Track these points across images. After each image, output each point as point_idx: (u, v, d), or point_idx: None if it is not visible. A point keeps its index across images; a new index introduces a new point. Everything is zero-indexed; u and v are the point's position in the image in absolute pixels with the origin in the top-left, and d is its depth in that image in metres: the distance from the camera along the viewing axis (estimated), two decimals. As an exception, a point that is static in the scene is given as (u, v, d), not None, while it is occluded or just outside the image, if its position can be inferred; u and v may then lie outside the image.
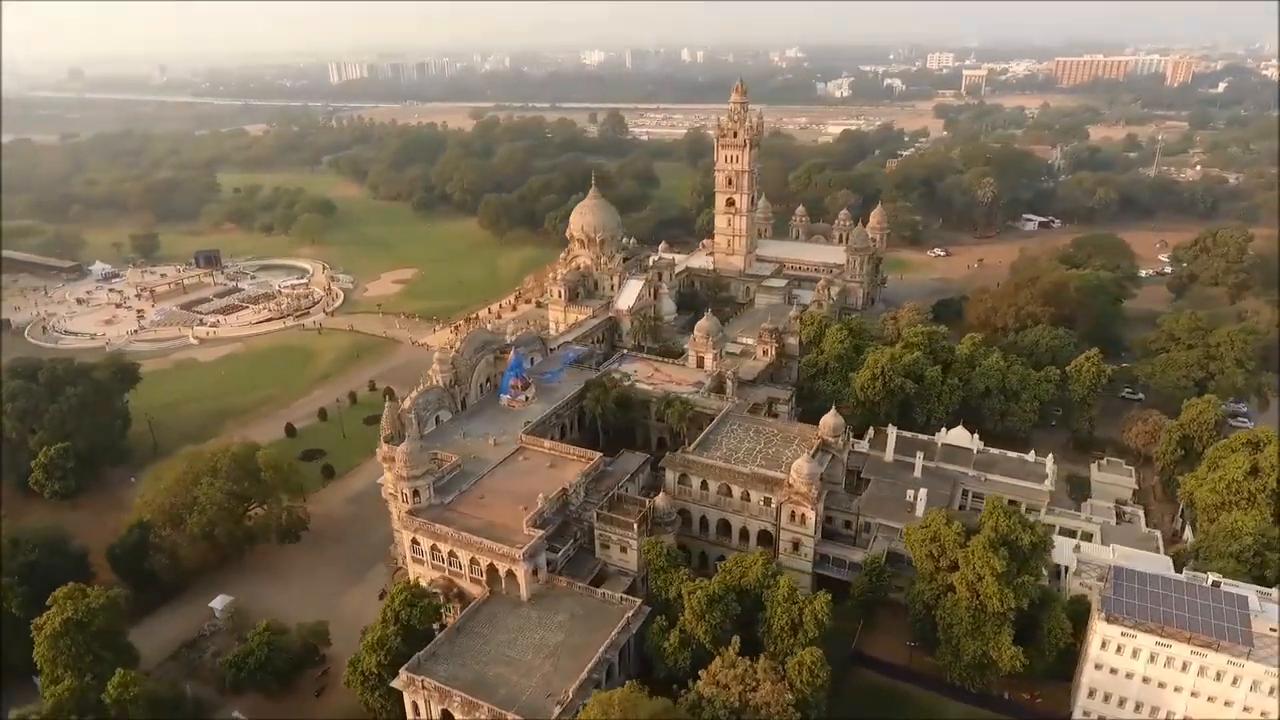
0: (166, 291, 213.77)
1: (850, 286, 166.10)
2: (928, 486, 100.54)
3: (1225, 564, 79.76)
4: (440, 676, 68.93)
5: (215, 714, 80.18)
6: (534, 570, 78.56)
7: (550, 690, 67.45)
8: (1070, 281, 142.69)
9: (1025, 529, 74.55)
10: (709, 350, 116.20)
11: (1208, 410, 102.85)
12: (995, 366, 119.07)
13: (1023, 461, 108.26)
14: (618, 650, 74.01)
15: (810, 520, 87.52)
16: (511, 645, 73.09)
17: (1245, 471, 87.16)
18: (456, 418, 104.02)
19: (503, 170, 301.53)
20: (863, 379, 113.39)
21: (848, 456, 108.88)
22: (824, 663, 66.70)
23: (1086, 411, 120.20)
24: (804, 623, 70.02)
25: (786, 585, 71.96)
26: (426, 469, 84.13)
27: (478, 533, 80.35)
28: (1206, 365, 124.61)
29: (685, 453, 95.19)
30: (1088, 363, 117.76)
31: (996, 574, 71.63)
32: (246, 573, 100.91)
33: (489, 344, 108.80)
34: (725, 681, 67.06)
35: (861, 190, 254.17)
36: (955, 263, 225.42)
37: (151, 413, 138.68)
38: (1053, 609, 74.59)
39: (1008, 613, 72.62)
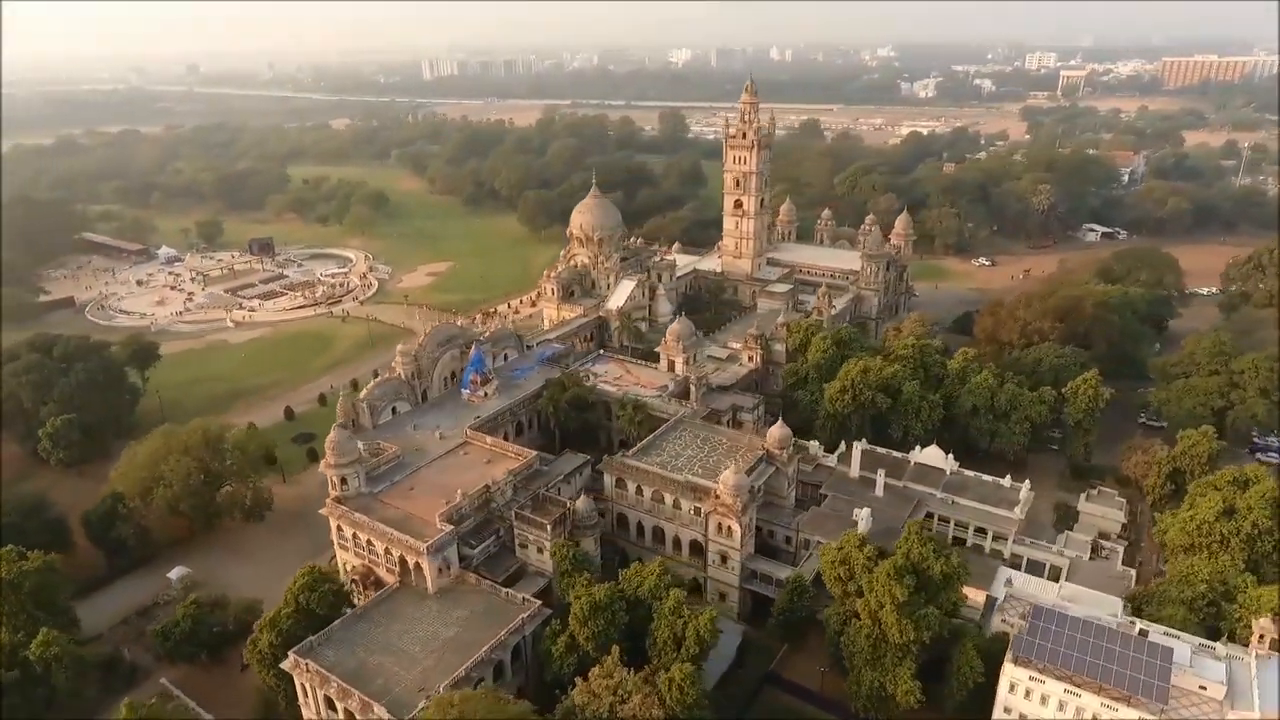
0: (218, 276, 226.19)
1: (865, 294, 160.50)
2: (891, 507, 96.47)
3: (1175, 612, 73.28)
4: (326, 661, 70.50)
5: (148, 680, 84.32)
6: (442, 564, 79.32)
7: (424, 685, 67.97)
8: (1088, 297, 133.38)
9: (938, 558, 70.37)
10: (679, 354, 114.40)
11: (1201, 443, 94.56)
12: (983, 384, 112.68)
13: (997, 486, 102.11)
14: (508, 650, 74.03)
15: (736, 533, 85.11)
16: (403, 636, 74.04)
17: (1218, 512, 79.73)
18: (416, 410, 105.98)
19: (553, 167, 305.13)
20: (832, 391, 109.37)
21: (815, 470, 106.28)
22: (696, 680, 64.81)
23: (1083, 437, 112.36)
24: (686, 638, 68.14)
25: (675, 599, 70.16)
26: (354, 458, 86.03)
27: (396, 524, 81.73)
28: (1228, 394, 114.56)
29: (625, 457, 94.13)
30: (1085, 385, 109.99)
31: (897, 603, 67.91)
32: (211, 548, 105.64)
33: (454, 339, 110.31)
34: (598, 691, 66.07)
35: (909, 195, 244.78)
36: (999, 273, 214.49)
37: (171, 390, 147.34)
38: (963, 645, 70.10)
39: (909, 645, 68.74)
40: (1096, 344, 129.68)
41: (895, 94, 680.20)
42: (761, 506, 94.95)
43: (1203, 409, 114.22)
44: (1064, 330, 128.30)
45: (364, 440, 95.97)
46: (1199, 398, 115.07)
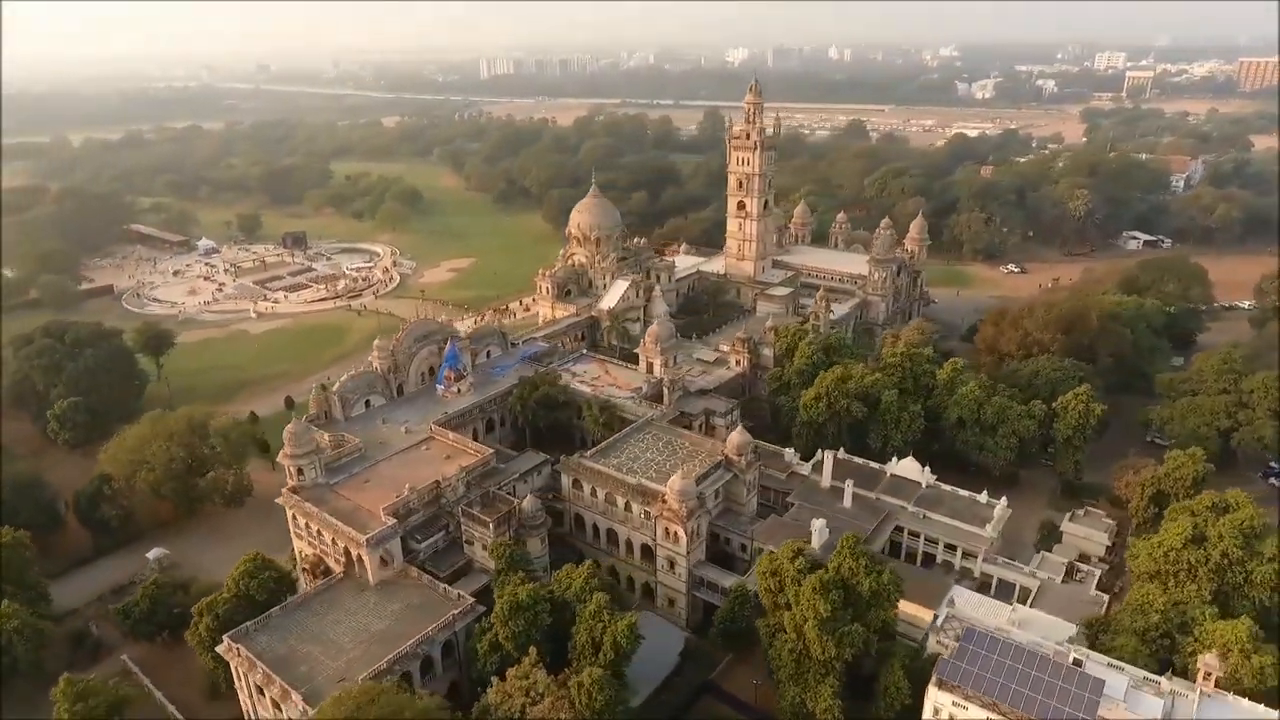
0: (249, 268, 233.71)
1: (872, 300, 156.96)
2: (857, 519, 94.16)
3: (1127, 642, 69.69)
4: (257, 647, 72.16)
5: (111, 656, 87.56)
6: (384, 557, 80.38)
7: (345, 675, 68.92)
8: (1095, 308, 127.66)
9: (868, 574, 68.25)
10: (657, 356, 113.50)
11: (1187, 465, 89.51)
12: (969, 395, 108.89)
13: (973, 502, 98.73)
14: (437, 646, 74.60)
15: (682, 539, 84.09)
16: (336, 627, 75.25)
17: (1186, 539, 75.37)
18: (390, 403, 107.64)
19: (585, 166, 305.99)
20: (807, 398, 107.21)
21: (788, 477, 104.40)
22: (606, 685, 64.06)
23: (1073, 454, 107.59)
24: (603, 643, 67.57)
25: (597, 603, 69.56)
26: (310, 449, 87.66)
27: (344, 515, 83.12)
28: (1235, 414, 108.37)
29: (583, 457, 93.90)
30: (1075, 400, 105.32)
31: (820, 619, 66.12)
32: (193, 531, 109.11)
33: (432, 334, 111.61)
34: (512, 691, 66.09)
35: (939, 199, 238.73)
36: (1028, 281, 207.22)
37: (185, 377, 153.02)
38: (891, 665, 67.84)
39: (831, 662, 66.85)
40: (1102, 358, 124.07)
41: (951, 95, 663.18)
42: (720, 513, 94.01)
43: (1208, 429, 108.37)
44: (1066, 342, 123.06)
45: (332, 432, 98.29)
46: (1204, 417, 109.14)
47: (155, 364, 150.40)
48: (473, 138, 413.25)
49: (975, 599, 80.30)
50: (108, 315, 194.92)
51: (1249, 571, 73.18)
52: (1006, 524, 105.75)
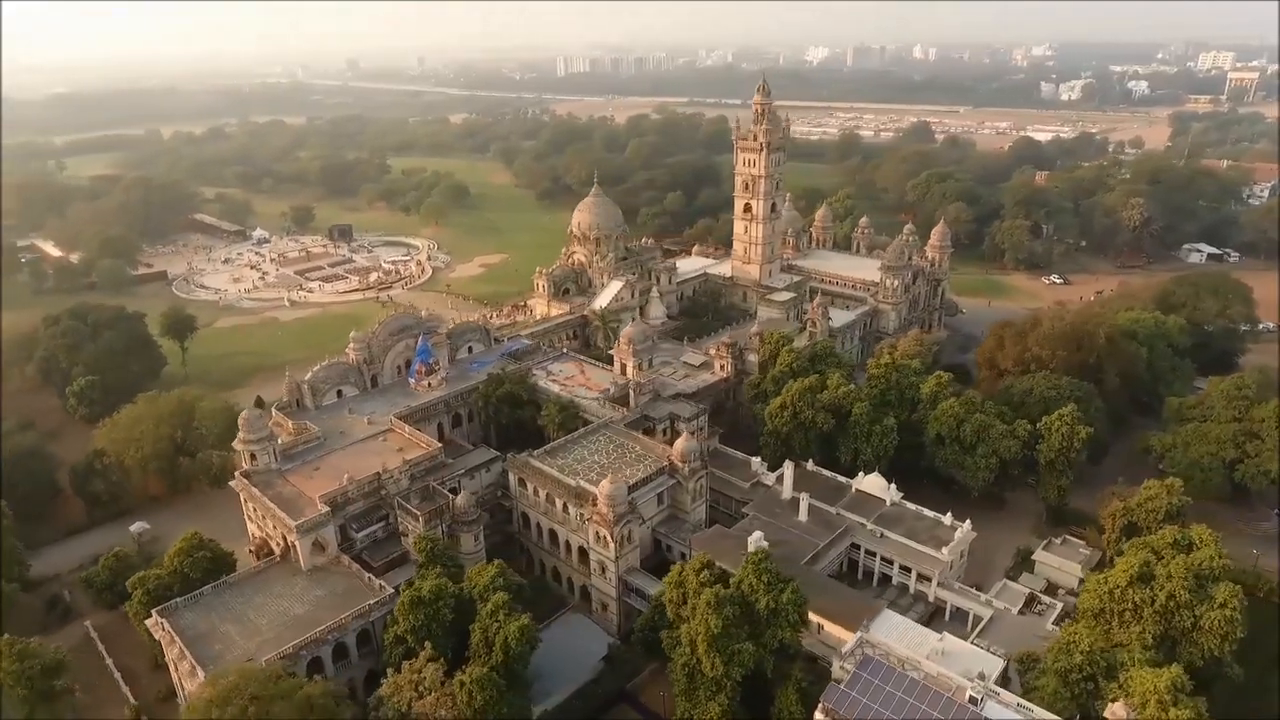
0: (295, 258, 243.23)
1: (882, 308, 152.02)
2: (810, 534, 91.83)
3: (1049, 683, 65.45)
4: (181, 623, 75.18)
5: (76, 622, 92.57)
6: (317, 544, 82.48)
7: (253, 656, 71.06)
8: (1104, 324, 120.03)
9: (768, 591, 66.16)
10: (630, 358, 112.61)
11: (1160, 497, 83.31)
12: (948, 412, 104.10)
13: (936, 523, 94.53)
14: (352, 634, 76.12)
15: (610, 544, 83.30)
16: (260, 609, 77.63)
17: (1132, 576, 70.14)
18: (362, 395, 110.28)
19: (631, 164, 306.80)
20: (772, 407, 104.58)
21: (751, 487, 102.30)
22: (486, 685, 63.99)
23: (1056, 479, 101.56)
24: (494, 643, 67.59)
25: (495, 603, 69.58)
26: (264, 435, 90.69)
27: (286, 501, 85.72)
28: (1243, 444, 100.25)
29: (530, 456, 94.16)
30: (1060, 420, 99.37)
31: (711, 635, 64.50)
32: (179, 507, 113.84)
33: (408, 328, 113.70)
34: (401, 684, 66.94)
35: (983, 205, 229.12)
36: (1070, 292, 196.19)
37: (206, 361, 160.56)
38: (785, 688, 65.59)
39: (721, 679, 65.06)
40: (1109, 378, 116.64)
41: (1033, 96, 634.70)
42: (665, 520, 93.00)
43: (1212, 459, 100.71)
44: (1067, 359, 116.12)
45: (297, 420, 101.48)
46: (1209, 446, 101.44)
47: (180, 347, 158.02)
48: (528, 135, 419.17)
49: (904, 624, 76.64)
50: (157, 299, 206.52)
51: (1197, 616, 67.67)
52: (983, 548, 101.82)
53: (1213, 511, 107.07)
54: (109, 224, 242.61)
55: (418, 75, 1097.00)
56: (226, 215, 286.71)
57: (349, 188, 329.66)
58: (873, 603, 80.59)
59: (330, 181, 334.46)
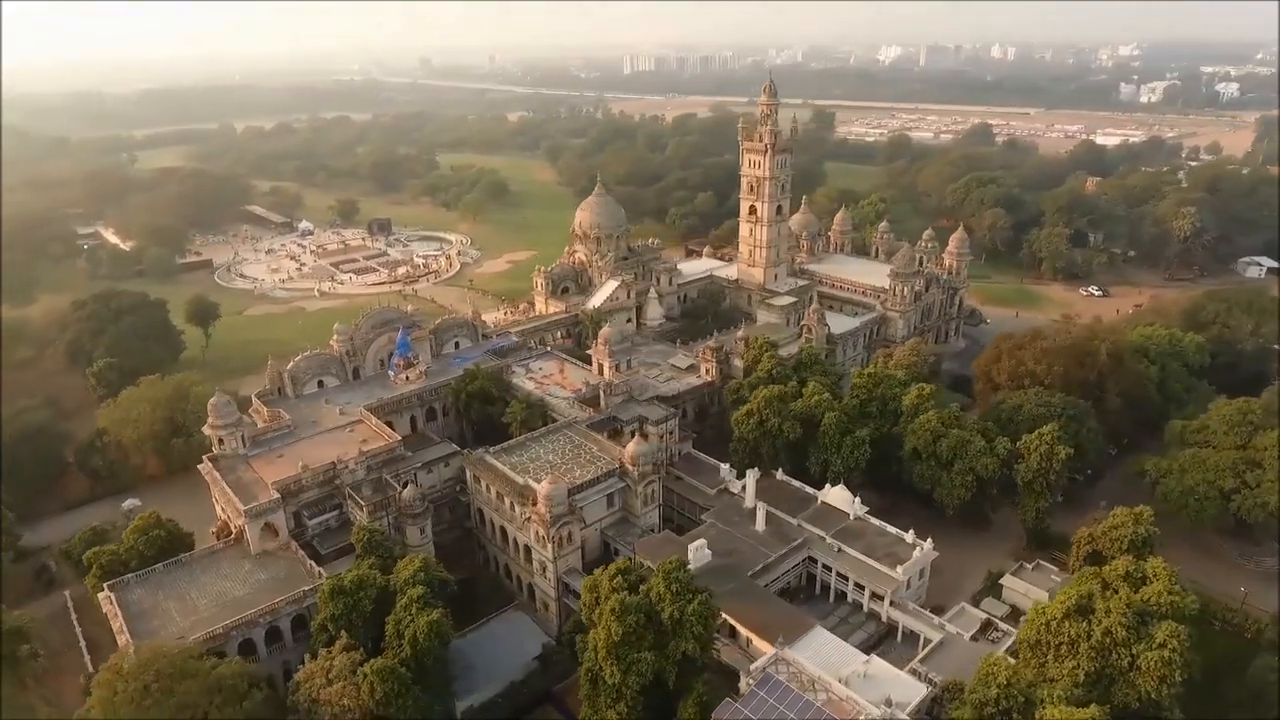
0: (333, 250, 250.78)
1: (890, 316, 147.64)
2: (765, 545, 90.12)
3: (963, 714, 62.43)
4: (128, 598, 78.46)
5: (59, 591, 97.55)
6: (267, 529, 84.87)
7: (184, 634, 73.57)
8: (1107, 339, 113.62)
9: (674, 601, 64.98)
10: (606, 359, 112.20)
11: (1126, 525, 78.40)
12: (925, 425, 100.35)
13: (898, 540, 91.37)
14: (286, 618, 78.05)
15: (548, 545, 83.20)
16: (203, 589, 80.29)
17: (1069, 608, 66.33)
18: (344, 385, 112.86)
19: (670, 164, 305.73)
20: (739, 414, 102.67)
21: (717, 494, 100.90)
22: (386, 678, 64.55)
23: (1034, 500, 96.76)
24: (405, 636, 68.26)
25: (409, 597, 70.27)
26: (231, 421, 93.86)
27: (243, 486, 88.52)
28: (1244, 473, 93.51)
29: (486, 453, 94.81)
30: (1039, 439, 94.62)
31: (612, 642, 63.78)
32: (174, 486, 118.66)
33: (391, 321, 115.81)
34: (314, 672, 68.29)
35: (1023, 211, 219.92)
36: (1107, 305, 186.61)
37: (227, 347, 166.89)
38: (685, 701, 64.27)
39: (620, 688, 64.17)
40: (1110, 397, 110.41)
41: (1112, 98, 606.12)
42: (616, 523, 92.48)
43: (1209, 487, 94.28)
44: (1066, 376, 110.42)
45: (272, 407, 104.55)
46: (1206, 473, 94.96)
47: (204, 333, 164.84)
48: (576, 133, 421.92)
49: (832, 643, 74.17)
50: (198, 286, 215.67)
51: (1135, 656, 63.50)
52: (958, 568, 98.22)
53: (1211, 544, 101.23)
54: (162, 214, 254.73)
55: (486, 73, 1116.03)
56: (277, 207, 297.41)
57: (397, 183, 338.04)
58: (809, 618, 78.17)
59: (380, 176, 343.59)
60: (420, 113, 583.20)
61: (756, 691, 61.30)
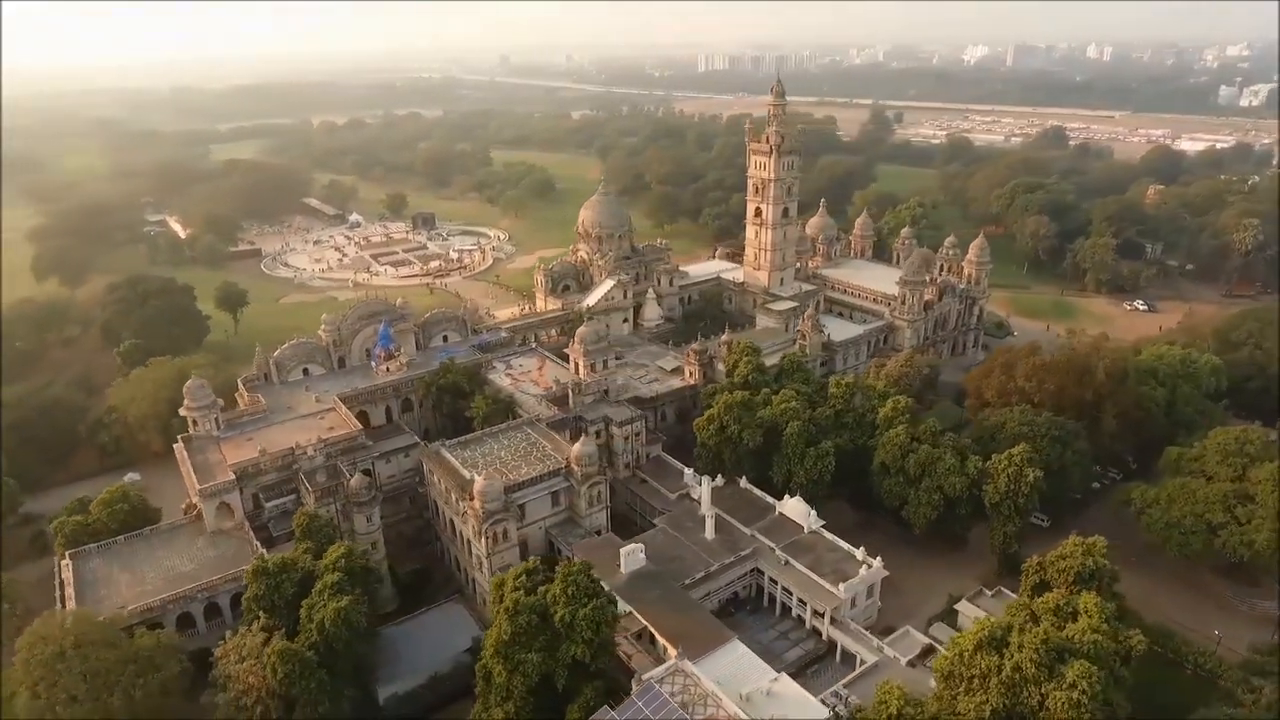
0: (376, 242, 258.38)
1: (898, 325, 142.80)
2: (711, 553, 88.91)
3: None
4: (85, 567, 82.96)
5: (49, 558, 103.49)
6: (223, 508, 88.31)
7: (125, 604, 77.27)
8: (1103, 359, 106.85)
9: (567, 605, 64.57)
10: (582, 358, 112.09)
11: (1074, 556, 73.61)
12: (893, 440, 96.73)
13: (849, 556, 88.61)
14: (226, 596, 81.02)
15: (482, 540, 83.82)
16: (155, 563, 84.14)
17: (981, 640, 62.87)
18: (328, 374, 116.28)
19: (714, 163, 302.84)
20: (700, 420, 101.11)
21: (678, 499, 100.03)
22: (287, 659, 66.14)
23: (1002, 523, 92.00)
24: (314, 620, 69.90)
25: (324, 583, 71.91)
26: (206, 403, 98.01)
27: (207, 467, 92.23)
28: (1234, 508, 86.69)
29: (441, 446, 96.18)
30: (1008, 461, 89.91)
31: (500, 641, 63.96)
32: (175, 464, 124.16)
33: (376, 314, 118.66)
34: (229, 650, 70.80)
35: (1070, 219, 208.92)
36: (1152, 321, 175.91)
37: (254, 333, 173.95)
38: (572, 707, 63.75)
39: (508, 689, 64.17)
40: (1106, 419, 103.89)
41: (1208, 101, 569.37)
42: (561, 523, 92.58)
43: (1196, 520, 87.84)
44: (1059, 395, 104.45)
45: (254, 392, 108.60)
46: (1194, 505, 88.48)
47: (233, 318, 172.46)
48: (630, 132, 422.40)
49: (745, 658, 72.16)
50: (245, 274, 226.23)
51: (1044, 695, 59.70)
52: (923, 588, 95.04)
53: (1204, 582, 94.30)
54: (221, 204, 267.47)
55: (562, 71, 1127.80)
56: (332, 200, 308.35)
57: (448, 178, 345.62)
58: (727, 631, 76.31)
59: (433, 172, 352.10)
60: (487, 110, 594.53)
61: (634, 701, 60.32)
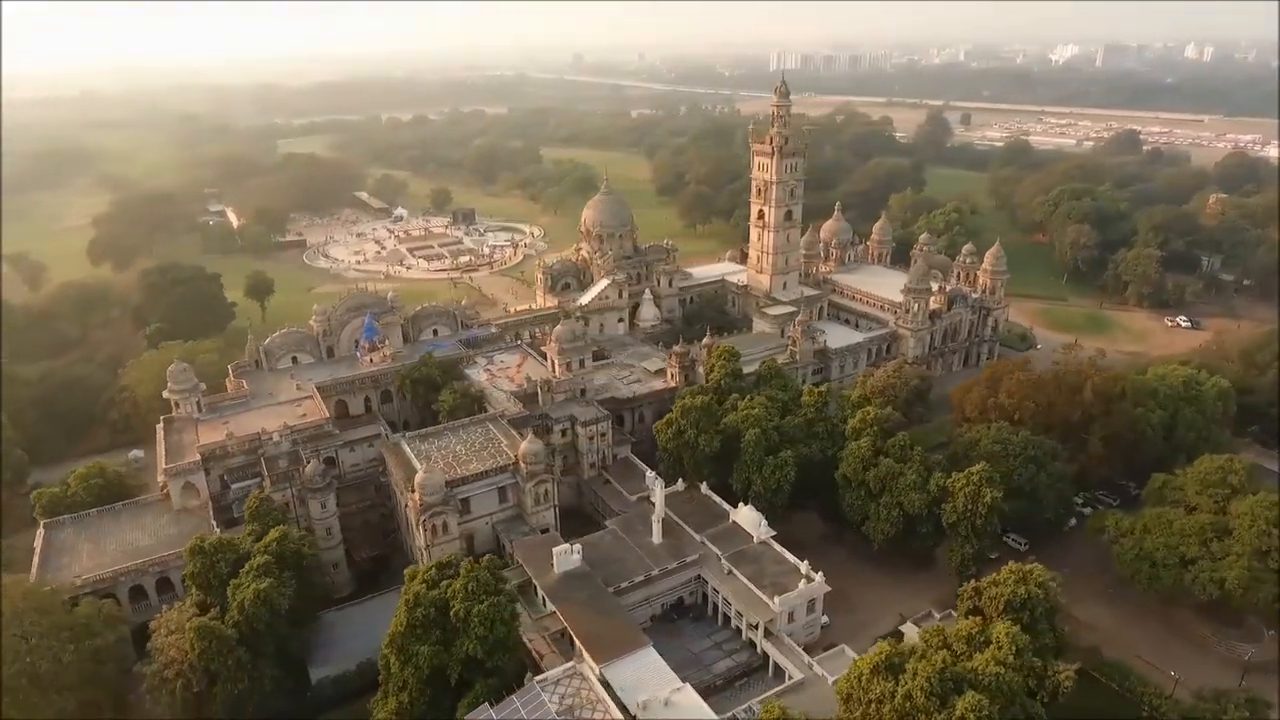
0: (416, 236, 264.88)
1: (902, 333, 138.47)
2: (654, 558, 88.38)
3: (733, 759, 58.79)
4: (57, 536, 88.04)
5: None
6: (188, 488, 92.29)
7: (80, 574, 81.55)
8: (1092, 377, 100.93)
9: (464, 600, 65.09)
10: (557, 356, 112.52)
11: (1006, 583, 69.89)
12: (856, 453, 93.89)
13: (793, 570, 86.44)
14: (176, 571, 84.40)
15: (421, 531, 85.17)
16: (119, 536, 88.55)
17: (877, 665, 60.57)
18: (317, 363, 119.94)
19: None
20: (659, 424, 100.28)
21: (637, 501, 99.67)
22: (203, 635, 68.65)
23: (960, 545, 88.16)
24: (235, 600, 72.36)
25: (251, 565, 74.26)
26: (188, 387, 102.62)
27: (182, 447, 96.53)
28: (1210, 542, 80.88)
29: (403, 437, 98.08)
30: (966, 480, 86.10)
31: (392, 632, 65.03)
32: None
33: (364, 306, 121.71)
34: (159, 624, 74.07)
35: (1117, 228, 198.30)
36: (1193, 339, 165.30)
37: (286, 320, 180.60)
38: (465, 699, 64.22)
39: (405, 679, 65.08)
40: (1093, 440, 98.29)
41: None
42: (509, 519, 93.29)
43: (1168, 553, 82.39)
44: (1046, 414, 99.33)
45: (241, 378, 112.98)
46: (1169, 537, 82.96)
47: (260, 306, 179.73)
48: (680, 132, 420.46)
49: (653, 665, 71.09)
50: (287, 263, 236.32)
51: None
52: (881, 606, 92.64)
53: (1181, 620, 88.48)
54: (275, 196, 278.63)
55: (634, 70, 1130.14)
56: (383, 194, 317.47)
57: (493, 175, 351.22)
58: (643, 637, 75.18)
59: (482, 168, 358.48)
60: (549, 108, 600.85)
61: (513, 700, 60.37)
